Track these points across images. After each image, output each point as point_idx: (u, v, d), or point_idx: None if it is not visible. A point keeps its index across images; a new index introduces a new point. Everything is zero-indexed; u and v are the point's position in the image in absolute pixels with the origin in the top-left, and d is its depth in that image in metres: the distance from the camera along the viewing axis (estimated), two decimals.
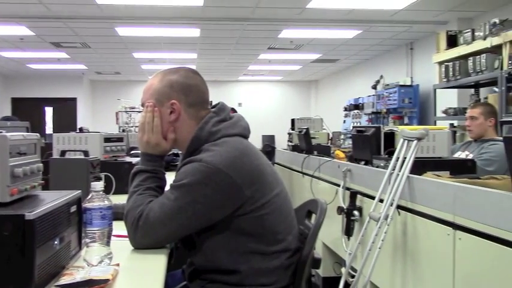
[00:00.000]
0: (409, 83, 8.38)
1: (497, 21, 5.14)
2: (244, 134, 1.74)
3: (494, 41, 5.07)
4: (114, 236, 1.48)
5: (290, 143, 5.56)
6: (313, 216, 1.83)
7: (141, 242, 1.61)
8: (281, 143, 9.89)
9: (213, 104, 1.81)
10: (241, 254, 1.62)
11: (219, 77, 14.10)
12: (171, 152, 3.23)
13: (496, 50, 5.15)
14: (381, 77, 8.92)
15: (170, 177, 1.69)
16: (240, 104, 14.59)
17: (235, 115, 1.78)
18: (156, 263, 1.47)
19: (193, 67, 10.80)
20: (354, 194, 2.98)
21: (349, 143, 5.71)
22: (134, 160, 2.79)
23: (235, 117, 1.76)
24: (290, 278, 1.67)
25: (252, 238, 1.62)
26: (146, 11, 6.70)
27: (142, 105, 1.77)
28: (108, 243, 1.42)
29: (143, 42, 8.76)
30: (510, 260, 1.63)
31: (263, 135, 14.06)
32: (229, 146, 1.63)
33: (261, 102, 15.29)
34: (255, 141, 1.74)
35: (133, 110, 8.48)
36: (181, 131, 1.73)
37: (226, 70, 12.68)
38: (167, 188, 1.67)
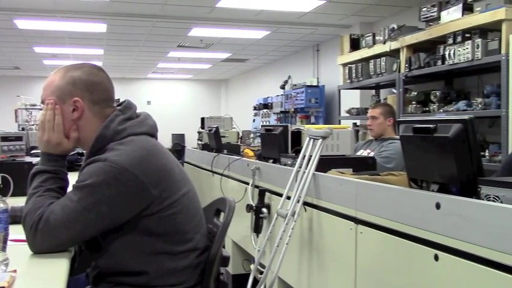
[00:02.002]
0: (315, 84, 8.65)
1: (395, 26, 5.45)
2: (152, 133, 1.71)
3: (393, 45, 5.37)
4: (10, 240, 1.40)
5: (200, 142, 5.53)
6: (222, 214, 1.84)
7: (41, 246, 1.53)
8: (191, 142, 9.84)
9: (120, 101, 1.77)
10: (149, 254, 1.59)
11: (127, 75, 13.74)
12: (75, 152, 3.12)
13: (395, 53, 5.45)
14: (289, 77, 9.14)
15: (74, 177, 1.62)
16: (149, 102, 14.32)
17: (142, 113, 1.74)
18: (58, 268, 1.41)
19: (100, 63, 10.44)
20: (262, 192, 3.03)
21: (258, 141, 5.80)
22: (34, 160, 2.65)
23: (142, 116, 1.73)
24: (198, 277, 1.67)
25: (160, 238, 1.59)
26: (48, 4, 6.38)
27: (43, 102, 1.68)
28: (3, 249, 1.34)
29: (45, 36, 8.33)
30: (406, 251, 1.73)
31: (173, 134, 13.90)
32: (136, 145, 1.59)
33: (171, 101, 15.10)
34: (165, 140, 1.71)
35: (34, 107, 8.04)
36: (84, 129, 1.67)
37: (134, 67, 12.38)
38: (70, 189, 1.60)
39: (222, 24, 7.49)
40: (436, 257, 1.58)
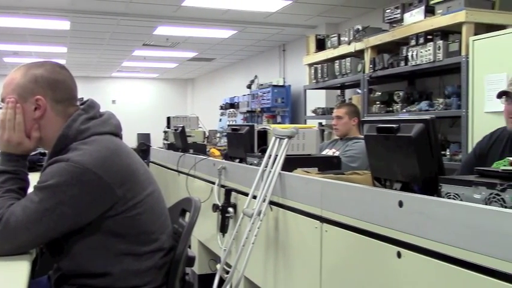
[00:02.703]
0: (281, 84, 8.69)
1: (360, 27, 5.52)
2: (116, 132, 1.68)
3: (358, 46, 5.44)
4: None
5: (166, 142, 5.49)
6: (188, 214, 1.83)
7: (1, 249, 1.49)
8: (157, 142, 9.74)
9: (83, 101, 1.74)
10: (113, 256, 1.57)
11: (91, 73, 13.51)
12: (37, 151, 3.04)
13: (359, 54, 5.52)
14: (256, 77, 9.16)
15: (35, 178, 1.59)
16: (113, 102, 14.12)
17: (105, 112, 1.71)
18: (18, 271, 1.37)
19: (63, 62, 10.25)
20: (228, 191, 3.03)
21: (224, 141, 5.78)
22: None
23: (105, 115, 1.70)
24: (163, 278, 1.65)
25: (124, 239, 1.57)
26: (10, 0, 6.22)
27: (3, 101, 1.64)
28: None
29: (6, 33, 8.10)
30: (370, 248, 1.76)
31: (138, 134, 13.73)
32: (99, 145, 1.56)
33: (136, 100, 14.93)
34: (130, 139, 1.69)
35: None
36: (47, 128, 1.63)
37: (98, 66, 12.18)
38: (30, 190, 1.57)
39: (188, 23, 7.45)
40: (399, 254, 1.61)
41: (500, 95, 2.37)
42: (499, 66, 3.77)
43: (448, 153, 4.44)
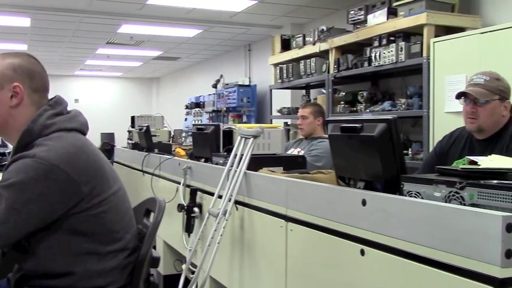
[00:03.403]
0: (247, 83, 8.71)
1: (324, 28, 5.58)
2: (82, 130, 1.67)
3: (322, 46, 5.50)
4: None
5: (130, 141, 5.42)
6: (152, 214, 1.81)
7: None
8: (121, 141, 9.61)
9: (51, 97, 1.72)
10: (76, 255, 1.54)
11: (53, 71, 13.20)
12: None
13: (324, 54, 5.59)
14: (221, 76, 9.14)
15: None
16: (76, 100, 13.84)
17: (72, 110, 1.71)
18: None
19: None
20: (194, 191, 3.01)
21: (190, 140, 5.75)
22: None
23: (72, 112, 1.69)
24: (127, 279, 1.64)
25: (88, 238, 1.55)
26: None
27: None
28: None
29: None
30: (334, 247, 1.78)
31: (102, 133, 13.49)
32: (65, 141, 1.54)
33: (100, 99, 14.69)
34: (94, 139, 1.68)
35: None
36: (19, 118, 1.60)
37: (61, 64, 11.93)
38: None
39: (153, 22, 7.37)
40: (362, 252, 1.64)
41: (458, 96, 2.44)
42: (458, 67, 3.88)
43: (410, 152, 4.54)
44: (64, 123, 1.61)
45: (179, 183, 3.26)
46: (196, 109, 10.12)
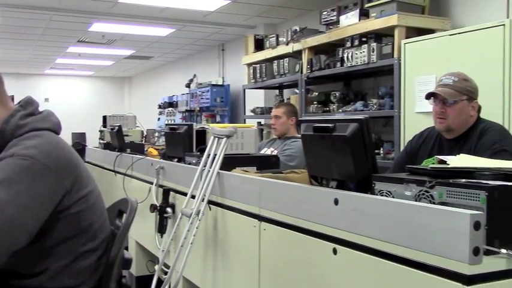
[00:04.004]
0: (220, 83, 8.69)
1: (298, 28, 5.61)
2: (55, 130, 1.65)
3: (296, 46, 5.53)
4: None
5: (102, 141, 5.35)
6: (125, 215, 1.80)
7: None
8: (92, 141, 9.48)
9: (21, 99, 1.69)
10: (51, 254, 1.52)
11: (22, 70, 12.96)
12: None
13: (297, 55, 5.62)
14: (194, 75, 9.10)
15: None
16: (46, 100, 13.59)
17: (44, 110, 1.70)
18: None
19: None
20: (166, 191, 2.99)
21: (163, 140, 5.71)
22: None
23: (44, 112, 1.68)
24: (98, 280, 1.62)
25: (65, 237, 1.54)
26: None
27: None
28: None
29: None
30: (307, 246, 1.79)
31: (73, 133, 13.28)
32: (42, 139, 1.54)
33: (71, 98, 14.46)
34: (65, 139, 1.67)
35: None
36: None
37: (30, 62, 11.70)
38: None
39: (125, 20, 7.29)
40: (335, 251, 1.65)
41: (428, 96, 2.48)
42: (428, 68, 3.94)
43: (381, 152, 4.60)
44: (37, 123, 1.60)
45: (152, 183, 3.23)
46: (169, 109, 10.06)
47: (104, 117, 5.60)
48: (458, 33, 3.79)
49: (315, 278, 1.76)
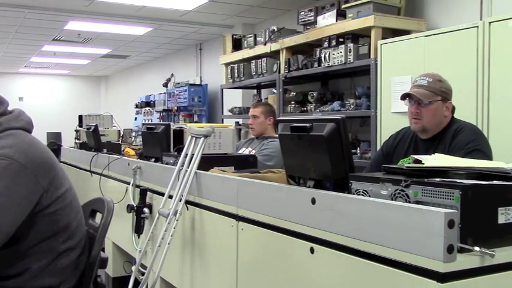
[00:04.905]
0: (198, 82, 8.66)
1: (275, 28, 5.62)
2: (28, 129, 1.64)
3: (273, 46, 5.54)
4: None
5: (78, 141, 5.29)
6: (98, 215, 1.78)
7: None
8: (68, 141, 9.36)
9: None
10: (32, 254, 1.51)
11: None
12: None
13: (275, 55, 5.63)
14: (172, 75, 9.06)
15: None
16: (21, 99, 13.38)
17: (15, 109, 1.68)
18: None
19: None
20: (144, 192, 2.97)
21: (140, 140, 5.67)
22: None
23: (15, 111, 1.66)
24: (78, 279, 1.61)
25: (46, 236, 1.52)
26: None
27: None
28: None
29: None
30: (285, 245, 1.80)
31: (48, 133, 13.10)
32: (17, 138, 1.52)
33: (46, 97, 14.25)
34: (40, 138, 1.66)
35: None
36: None
37: (3, 61, 11.49)
38: None
39: (101, 19, 7.22)
40: (312, 250, 1.66)
41: (403, 97, 2.51)
42: (404, 69, 3.99)
43: (358, 151, 4.64)
44: (10, 122, 1.58)
45: (129, 183, 3.21)
46: (147, 108, 9.99)
47: (80, 117, 5.54)
48: (433, 35, 3.85)
49: (293, 277, 1.77)
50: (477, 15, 4.11)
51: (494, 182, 1.41)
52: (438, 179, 1.43)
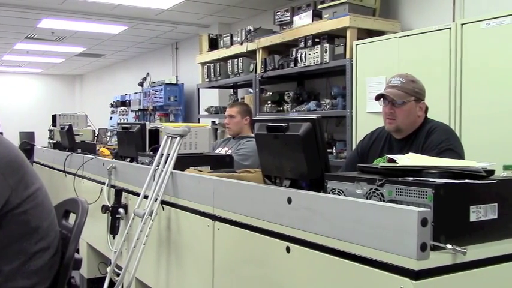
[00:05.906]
0: (174, 82, 8.61)
1: (252, 28, 5.63)
2: None
3: (250, 46, 5.54)
4: None
5: (51, 141, 5.21)
6: (71, 215, 1.76)
7: None
8: (41, 141, 9.21)
9: None
10: (3, 256, 1.48)
11: None
12: None
13: (251, 54, 5.64)
14: (148, 74, 8.99)
15: None
16: None
17: None
18: None
19: None
20: (119, 192, 2.94)
21: (115, 140, 5.62)
22: None
23: None
24: (52, 280, 1.59)
25: (16, 237, 1.49)
26: None
27: None
28: None
29: None
30: (261, 244, 1.80)
31: (21, 132, 12.85)
32: None
33: (19, 96, 14.00)
34: (12, 138, 1.63)
35: None
36: None
37: None
38: None
39: (76, 17, 7.12)
40: (288, 249, 1.67)
41: (377, 97, 2.54)
42: (378, 69, 4.04)
43: (334, 151, 4.67)
44: None
45: (103, 183, 3.18)
46: (122, 107, 9.90)
47: (54, 116, 5.46)
48: (408, 36, 3.90)
49: (269, 276, 1.77)
50: (450, 17, 4.18)
51: (466, 180, 1.44)
52: (412, 178, 1.45)
